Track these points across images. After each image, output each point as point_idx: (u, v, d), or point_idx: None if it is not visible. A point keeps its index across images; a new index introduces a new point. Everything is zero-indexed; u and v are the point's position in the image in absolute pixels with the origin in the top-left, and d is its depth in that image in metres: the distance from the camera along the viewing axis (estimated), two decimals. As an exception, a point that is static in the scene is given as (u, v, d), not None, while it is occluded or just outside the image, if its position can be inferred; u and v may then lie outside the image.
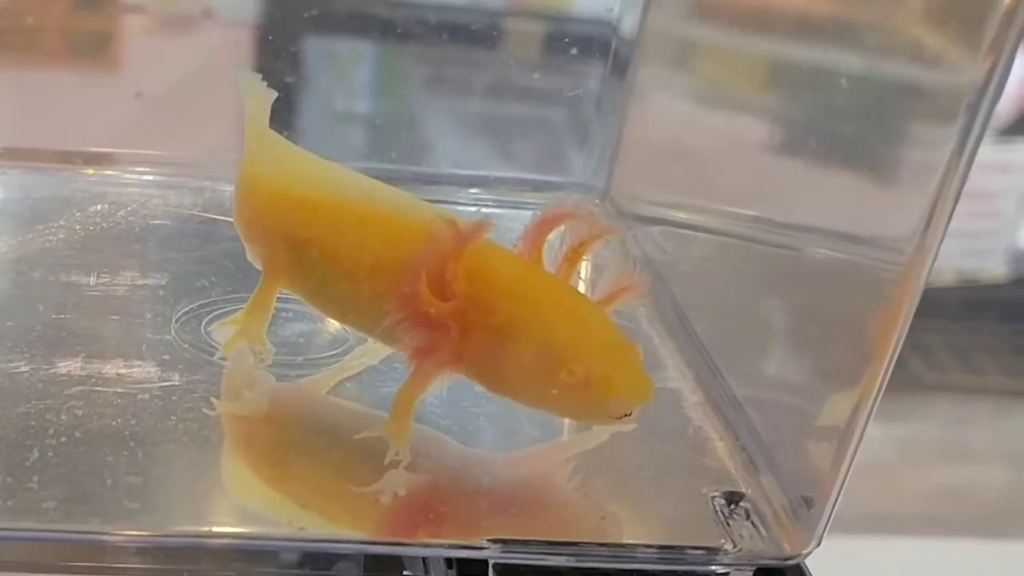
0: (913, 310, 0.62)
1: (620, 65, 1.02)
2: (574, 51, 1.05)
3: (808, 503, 0.67)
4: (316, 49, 1.08)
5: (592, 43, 1.04)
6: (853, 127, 0.72)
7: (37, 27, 1.07)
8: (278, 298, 0.75)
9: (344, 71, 1.13)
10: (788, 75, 0.82)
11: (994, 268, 2.31)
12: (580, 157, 1.05)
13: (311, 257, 0.72)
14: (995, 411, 2.23)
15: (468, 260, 0.66)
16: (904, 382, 2.20)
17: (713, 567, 0.66)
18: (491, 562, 0.64)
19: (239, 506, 0.68)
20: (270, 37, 0.78)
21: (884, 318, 0.64)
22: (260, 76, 0.76)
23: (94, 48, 1.11)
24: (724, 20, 0.91)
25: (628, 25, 1.01)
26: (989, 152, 2.26)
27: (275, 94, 0.76)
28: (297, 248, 0.72)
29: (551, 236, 0.71)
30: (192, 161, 0.96)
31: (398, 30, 1.06)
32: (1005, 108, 2.27)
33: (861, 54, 0.71)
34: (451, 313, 0.66)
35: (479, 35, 1.05)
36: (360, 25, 1.09)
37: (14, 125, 1.01)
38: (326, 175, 0.74)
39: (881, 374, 0.63)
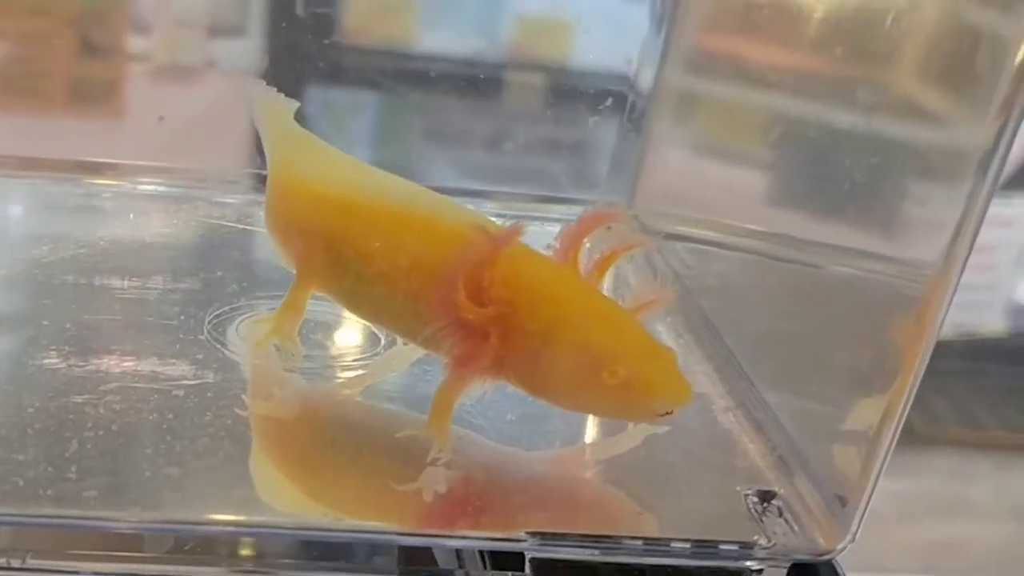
0: (942, 322, 0.62)
1: (636, 117, 1.03)
2: (582, 103, 1.06)
3: (842, 501, 0.67)
4: (318, 99, 1.10)
5: (607, 96, 1.05)
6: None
7: (42, 74, 1.08)
8: (311, 300, 0.75)
9: (345, 121, 1.14)
10: (796, 129, 0.83)
11: (993, 322, 2.32)
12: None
13: (346, 258, 0.72)
14: (996, 466, 2.23)
15: (504, 265, 0.66)
16: (903, 436, 2.21)
17: (747, 563, 0.66)
18: (528, 556, 0.64)
19: (275, 500, 0.68)
20: (272, 87, 0.79)
21: (912, 329, 0.64)
22: (275, 88, 0.77)
23: (99, 96, 1.12)
24: (736, 77, 0.93)
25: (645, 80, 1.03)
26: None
27: (296, 103, 0.77)
28: (332, 249, 0.73)
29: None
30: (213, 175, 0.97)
31: (400, 81, 1.07)
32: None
33: (868, 112, 0.73)
34: (490, 319, 0.66)
35: (482, 86, 1.06)
36: (361, 76, 1.11)
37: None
38: (362, 176, 0.75)
39: (910, 381, 0.63)
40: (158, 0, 1.08)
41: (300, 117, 0.78)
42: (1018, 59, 0.57)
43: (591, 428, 0.75)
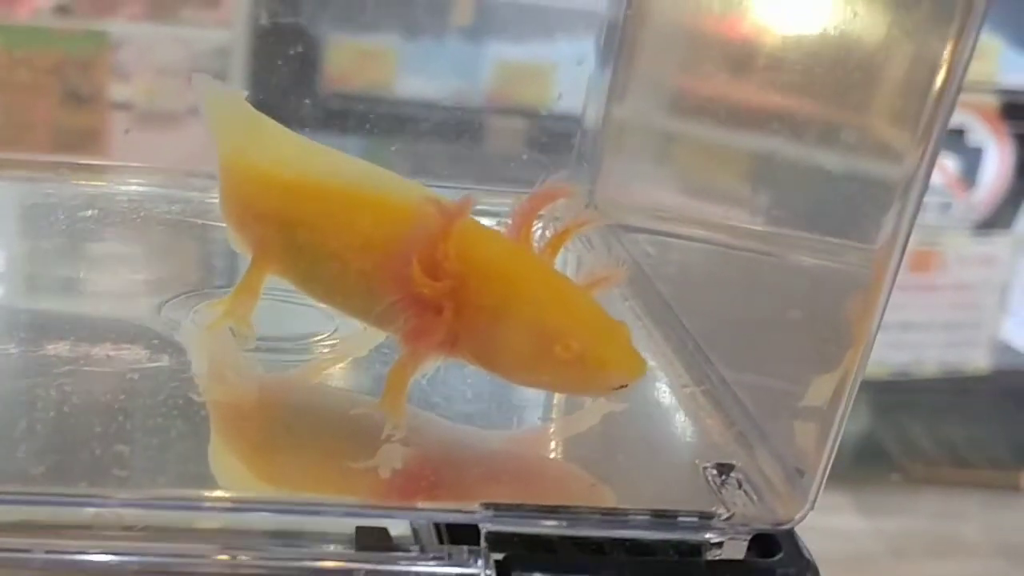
0: (887, 298, 0.63)
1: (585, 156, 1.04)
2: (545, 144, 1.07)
3: (800, 473, 0.67)
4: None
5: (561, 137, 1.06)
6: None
7: (25, 123, 1.09)
8: (266, 286, 0.75)
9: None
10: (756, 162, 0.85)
11: (977, 360, 2.32)
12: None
13: (299, 239, 0.72)
14: (984, 504, 2.22)
15: (456, 240, 0.66)
16: (890, 475, 2.20)
17: (707, 535, 0.65)
18: (483, 530, 0.63)
19: (229, 480, 0.67)
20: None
21: (861, 306, 0.65)
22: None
23: (81, 143, 1.13)
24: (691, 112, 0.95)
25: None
26: (969, 245, 2.28)
27: (243, 92, 0.77)
28: (285, 230, 0.73)
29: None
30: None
31: (381, 125, 1.08)
32: (983, 202, 2.30)
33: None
34: (445, 293, 0.66)
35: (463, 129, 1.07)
36: (343, 121, 1.11)
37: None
38: (314, 157, 0.75)
39: (859, 357, 0.63)
40: (140, 48, 1.09)
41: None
42: (936, 84, 0.58)
43: (549, 406, 0.75)
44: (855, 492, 2.12)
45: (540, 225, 0.72)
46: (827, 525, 0.67)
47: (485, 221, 0.71)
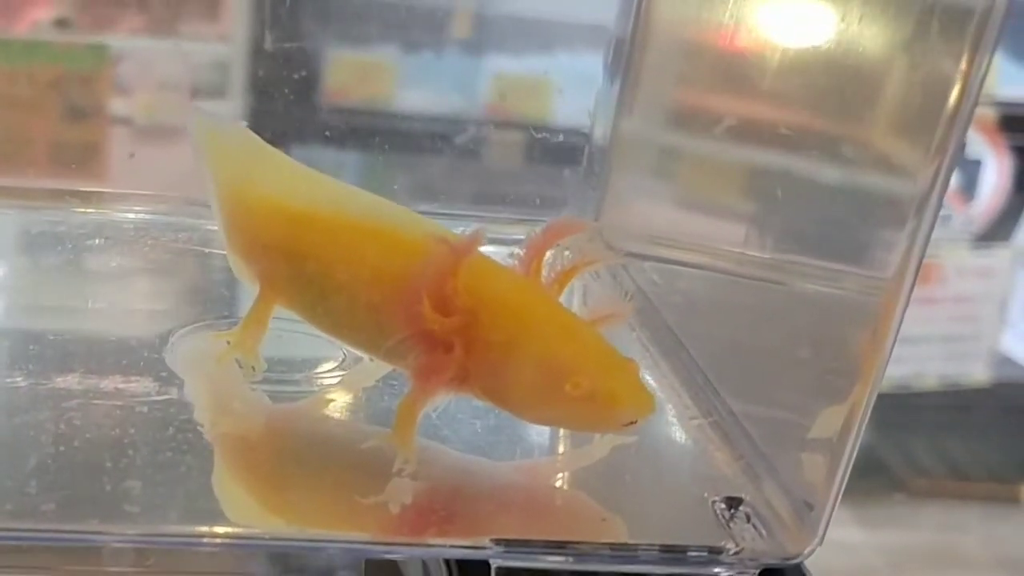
0: (897, 331, 0.63)
1: (593, 170, 1.04)
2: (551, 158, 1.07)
3: (809, 506, 0.67)
4: (301, 159, 1.10)
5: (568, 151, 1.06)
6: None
7: (26, 138, 1.08)
8: (274, 317, 0.75)
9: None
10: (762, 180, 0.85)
11: (977, 372, 2.32)
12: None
13: (308, 271, 0.72)
14: (985, 517, 2.22)
15: (466, 276, 0.66)
16: (891, 488, 2.20)
17: (716, 569, 0.65)
18: (493, 565, 0.63)
19: (239, 514, 0.67)
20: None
21: (869, 340, 0.65)
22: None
23: (80, 160, 1.12)
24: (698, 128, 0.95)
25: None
26: (968, 257, 2.28)
27: (242, 123, 0.78)
28: (294, 262, 0.73)
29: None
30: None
31: (382, 140, 1.08)
32: (982, 214, 2.30)
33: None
34: (455, 330, 0.66)
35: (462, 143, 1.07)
36: (343, 135, 1.11)
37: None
38: (322, 189, 0.75)
39: (869, 389, 0.63)
40: (140, 63, 1.09)
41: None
42: (951, 100, 0.58)
43: (559, 439, 0.75)
44: (856, 505, 2.11)
45: (551, 255, 0.72)
46: (828, 538, 0.68)
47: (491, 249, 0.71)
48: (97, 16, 1.11)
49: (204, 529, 0.63)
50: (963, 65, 0.58)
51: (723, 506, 0.69)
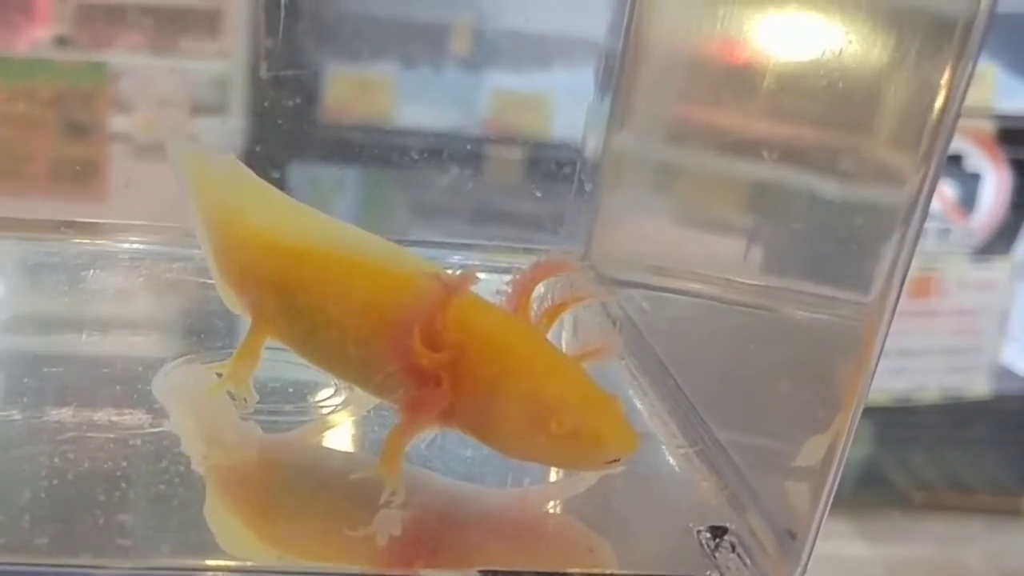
0: (877, 360, 0.64)
1: (583, 187, 1.05)
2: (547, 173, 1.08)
3: (792, 535, 0.68)
4: (301, 176, 1.11)
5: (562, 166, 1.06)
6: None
7: (25, 155, 1.09)
8: (267, 348, 0.76)
9: (329, 197, 1.16)
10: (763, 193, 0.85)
11: (978, 385, 2.32)
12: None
13: (299, 304, 0.73)
14: (986, 530, 2.22)
15: (454, 312, 0.67)
16: (892, 501, 2.20)
17: (701, 599, 0.66)
18: (480, 595, 0.64)
19: (229, 544, 0.68)
20: (254, 164, 0.80)
21: (852, 369, 0.65)
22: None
23: (81, 176, 1.13)
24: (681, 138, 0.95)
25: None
26: (968, 270, 2.29)
27: (229, 155, 0.79)
28: (285, 295, 0.74)
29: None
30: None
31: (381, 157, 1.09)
32: (982, 227, 2.30)
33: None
34: (444, 365, 0.67)
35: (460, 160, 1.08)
36: (343, 152, 1.12)
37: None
38: (313, 223, 0.76)
39: (851, 417, 0.64)
40: (140, 81, 1.10)
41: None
42: (936, 107, 0.59)
43: (546, 468, 0.75)
44: (856, 518, 2.12)
45: (542, 287, 0.73)
46: (828, 552, 0.68)
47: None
48: (97, 34, 1.12)
49: (197, 562, 0.64)
50: (947, 75, 0.59)
51: (708, 535, 0.70)
